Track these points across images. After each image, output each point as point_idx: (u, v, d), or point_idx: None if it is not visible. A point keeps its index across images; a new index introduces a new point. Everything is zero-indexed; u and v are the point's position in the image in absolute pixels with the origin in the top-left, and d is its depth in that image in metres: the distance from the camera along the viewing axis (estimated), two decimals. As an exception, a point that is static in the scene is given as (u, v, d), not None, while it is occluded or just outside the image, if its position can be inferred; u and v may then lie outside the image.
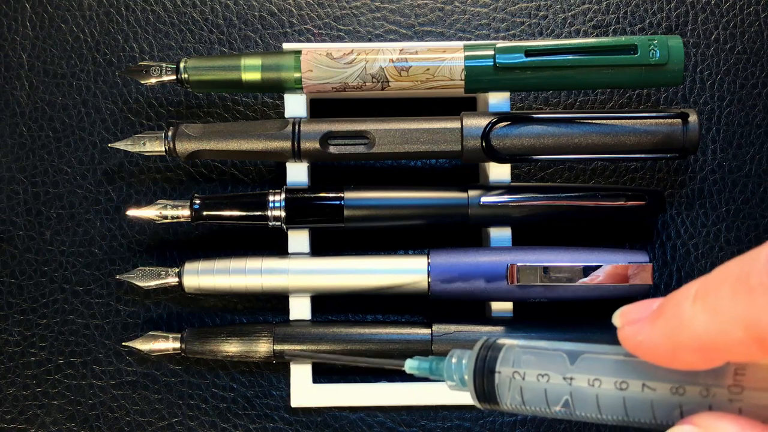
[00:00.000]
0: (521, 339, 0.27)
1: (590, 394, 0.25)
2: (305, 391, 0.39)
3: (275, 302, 0.40)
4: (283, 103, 0.39)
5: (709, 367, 0.23)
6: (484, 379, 0.26)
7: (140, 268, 0.39)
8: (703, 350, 0.22)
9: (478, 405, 0.27)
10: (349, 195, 0.38)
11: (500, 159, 0.37)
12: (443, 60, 0.37)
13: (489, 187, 0.38)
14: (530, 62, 0.37)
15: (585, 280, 0.36)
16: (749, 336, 0.21)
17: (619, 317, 0.25)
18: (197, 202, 0.38)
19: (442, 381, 0.28)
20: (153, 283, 0.38)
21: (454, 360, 0.28)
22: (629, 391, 0.24)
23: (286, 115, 0.39)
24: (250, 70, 0.38)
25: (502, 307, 0.38)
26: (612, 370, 0.25)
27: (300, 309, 0.39)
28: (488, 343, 0.27)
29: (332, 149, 0.38)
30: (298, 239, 0.39)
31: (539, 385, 0.25)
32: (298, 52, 0.38)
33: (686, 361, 0.23)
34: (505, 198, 0.38)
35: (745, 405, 0.23)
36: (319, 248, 0.40)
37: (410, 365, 0.29)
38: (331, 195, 0.38)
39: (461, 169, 0.41)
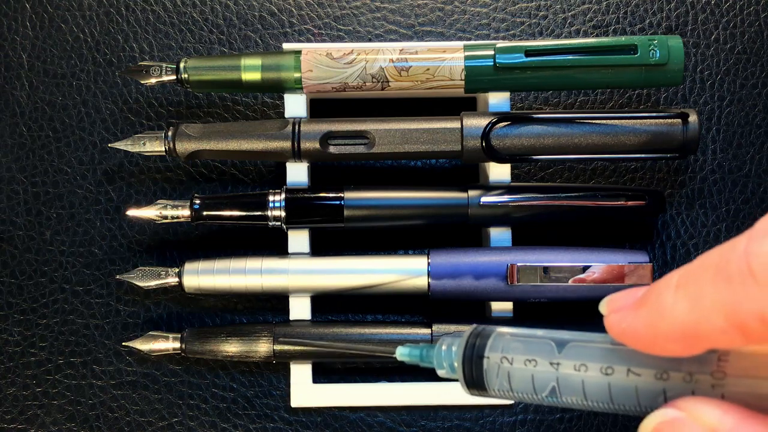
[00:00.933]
0: (511, 327, 0.27)
1: (576, 379, 0.25)
2: (305, 391, 0.39)
3: (275, 302, 0.40)
4: (283, 103, 0.39)
5: (691, 354, 0.23)
6: (472, 365, 0.27)
7: (140, 268, 0.39)
8: (684, 338, 0.22)
9: (467, 392, 0.27)
10: (349, 195, 0.38)
11: (500, 159, 0.37)
12: (443, 60, 0.37)
13: (489, 187, 0.38)
14: (530, 62, 0.37)
15: (585, 280, 0.36)
16: (730, 324, 0.21)
17: (606, 305, 0.25)
18: (197, 202, 0.38)
19: (432, 367, 0.28)
20: (153, 283, 0.38)
21: (444, 347, 0.28)
22: (614, 377, 0.25)
23: (286, 115, 0.39)
24: (250, 70, 0.38)
25: (502, 307, 0.38)
26: (598, 356, 0.25)
27: (300, 309, 0.39)
28: (477, 330, 0.28)
29: (332, 149, 0.38)
30: (298, 239, 0.39)
31: (527, 370, 0.26)
32: (298, 52, 0.38)
33: (668, 348, 0.23)
34: (505, 198, 0.38)
35: (727, 391, 0.23)
36: (319, 248, 0.40)
37: (401, 352, 0.29)
38: (331, 195, 0.38)
39: (461, 169, 0.41)
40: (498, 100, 0.38)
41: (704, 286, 0.22)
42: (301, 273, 0.38)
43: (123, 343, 0.39)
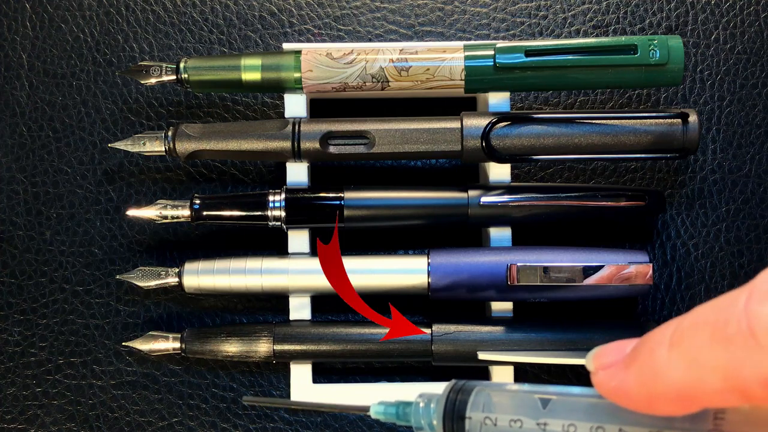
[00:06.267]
0: (493, 383, 0.26)
1: None
2: (305, 391, 0.39)
3: (275, 302, 0.40)
4: (283, 103, 0.39)
5: (686, 413, 0.22)
6: (453, 425, 0.25)
7: (140, 268, 0.39)
8: (680, 399, 0.22)
9: None
10: (349, 195, 0.38)
11: (500, 159, 0.37)
12: (443, 60, 0.37)
13: (489, 187, 0.38)
14: (530, 62, 0.37)
15: (585, 280, 0.36)
16: (728, 386, 0.21)
17: (592, 360, 0.24)
18: (197, 202, 0.38)
19: (410, 426, 0.27)
20: (153, 283, 0.38)
21: (421, 404, 0.27)
22: None
23: (286, 115, 0.39)
24: (250, 70, 0.38)
25: (502, 307, 0.38)
26: (587, 413, 0.24)
27: (300, 309, 0.39)
28: (457, 386, 0.26)
29: (332, 149, 0.38)
30: (298, 239, 0.39)
31: (512, 431, 0.25)
32: (298, 52, 0.38)
33: (662, 408, 0.22)
34: (505, 198, 0.38)
35: None
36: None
37: (376, 410, 0.28)
38: (331, 195, 0.38)
39: (461, 169, 0.41)
40: (498, 100, 0.38)
41: (701, 346, 0.21)
42: (301, 273, 0.38)
43: (123, 343, 0.39)
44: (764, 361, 0.20)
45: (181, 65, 0.38)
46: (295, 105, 0.39)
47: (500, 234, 0.39)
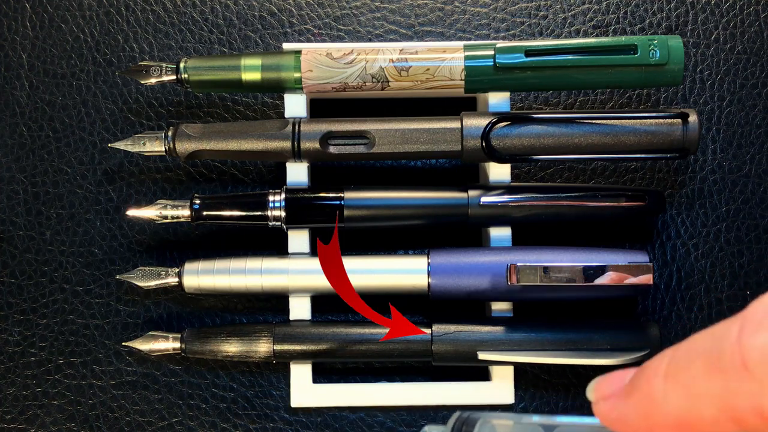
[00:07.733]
0: (497, 413, 0.26)
1: None
2: (305, 391, 0.39)
3: (275, 302, 0.40)
4: (283, 103, 0.39)
5: None
6: None
7: (140, 268, 0.39)
8: (678, 428, 0.22)
9: None
10: (349, 195, 0.38)
11: (500, 159, 0.37)
12: (443, 60, 0.37)
13: (489, 187, 0.38)
14: (530, 62, 0.37)
15: (585, 280, 0.36)
16: (724, 415, 0.21)
17: (593, 391, 0.24)
18: (197, 202, 0.38)
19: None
20: (153, 283, 0.38)
21: None
22: None
23: (286, 115, 0.39)
24: (250, 70, 0.38)
25: (502, 307, 0.39)
26: None
27: (300, 309, 0.39)
28: (462, 417, 0.26)
29: (332, 149, 0.38)
30: (298, 239, 0.39)
31: None
32: (298, 52, 0.38)
33: None
34: (505, 198, 0.38)
35: None
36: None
37: None
38: (331, 195, 0.38)
39: (461, 169, 0.41)
40: (498, 100, 0.38)
41: (696, 376, 0.21)
42: (301, 273, 0.38)
43: (123, 343, 0.39)
44: (757, 391, 0.20)
45: (181, 65, 0.38)
46: (295, 105, 0.39)
47: (500, 234, 0.39)
